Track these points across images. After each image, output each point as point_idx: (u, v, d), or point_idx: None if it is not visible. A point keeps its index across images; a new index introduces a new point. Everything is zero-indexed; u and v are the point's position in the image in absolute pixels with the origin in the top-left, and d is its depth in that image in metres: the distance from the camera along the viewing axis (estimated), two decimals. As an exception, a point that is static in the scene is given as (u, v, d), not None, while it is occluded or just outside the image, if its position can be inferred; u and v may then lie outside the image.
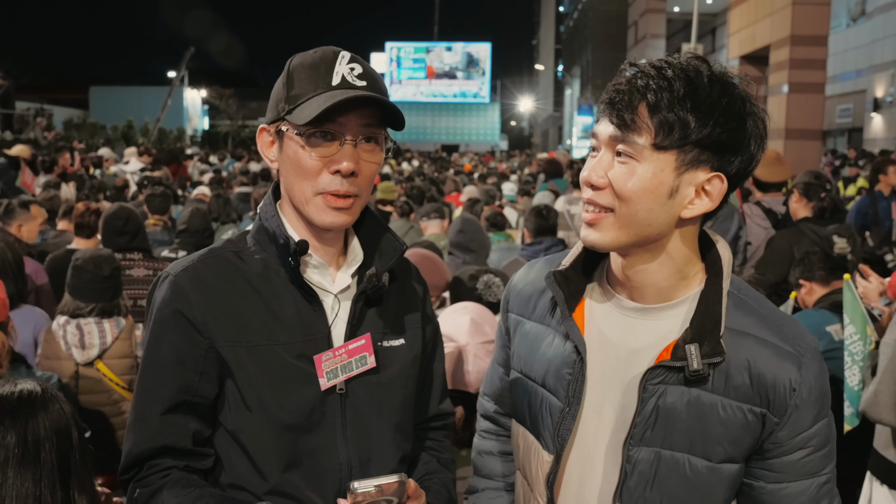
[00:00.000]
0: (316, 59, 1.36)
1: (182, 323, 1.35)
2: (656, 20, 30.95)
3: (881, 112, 25.17)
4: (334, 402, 1.38)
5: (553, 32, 68.43)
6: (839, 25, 26.35)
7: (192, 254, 1.44)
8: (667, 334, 1.26)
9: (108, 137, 35.11)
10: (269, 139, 1.40)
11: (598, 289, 1.36)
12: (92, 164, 13.39)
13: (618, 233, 1.21)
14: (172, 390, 1.35)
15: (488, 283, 2.98)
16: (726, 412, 1.21)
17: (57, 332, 3.16)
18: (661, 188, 1.17)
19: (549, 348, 1.36)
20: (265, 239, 1.42)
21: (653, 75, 1.17)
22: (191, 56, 42.03)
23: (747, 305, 1.27)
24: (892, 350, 2.40)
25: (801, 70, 17.26)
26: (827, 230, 4.21)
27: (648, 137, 1.16)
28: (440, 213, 5.79)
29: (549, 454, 1.33)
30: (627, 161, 1.18)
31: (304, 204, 1.36)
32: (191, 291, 1.36)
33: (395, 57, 72.12)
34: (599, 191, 1.21)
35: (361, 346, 1.40)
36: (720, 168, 1.19)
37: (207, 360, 1.35)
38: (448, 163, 23.60)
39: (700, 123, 1.15)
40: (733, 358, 1.21)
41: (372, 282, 1.41)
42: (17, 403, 1.49)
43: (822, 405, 1.23)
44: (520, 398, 1.43)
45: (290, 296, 1.38)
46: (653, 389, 1.23)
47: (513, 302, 1.48)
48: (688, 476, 1.23)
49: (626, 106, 1.17)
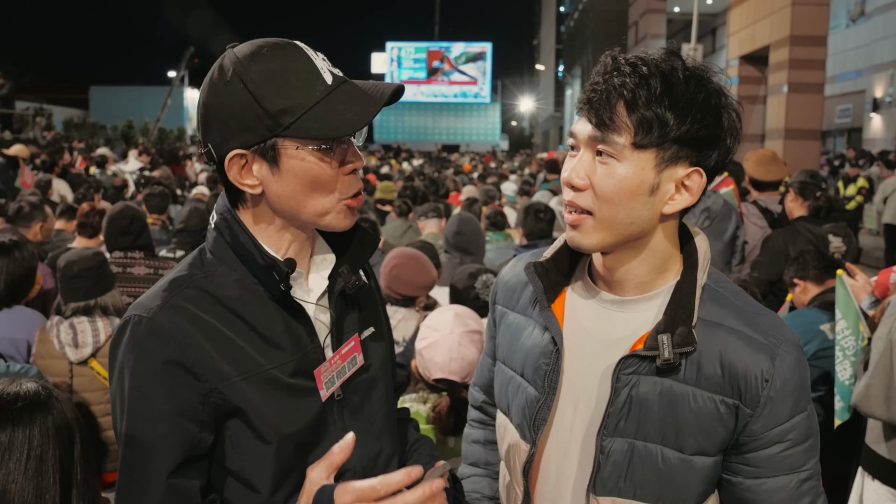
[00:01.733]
0: (280, 59, 1.21)
1: (175, 370, 1.19)
2: (656, 20, 30.93)
3: (880, 112, 25.17)
4: (333, 409, 1.34)
5: (554, 32, 68.46)
6: (838, 26, 26.36)
7: (157, 289, 1.28)
8: (642, 325, 1.27)
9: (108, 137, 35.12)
10: (242, 163, 1.23)
11: (579, 281, 1.37)
12: (95, 163, 13.39)
13: (601, 234, 1.22)
14: (176, 450, 1.20)
15: (487, 282, 2.99)
16: (698, 403, 1.21)
17: (50, 332, 3.16)
18: (642, 186, 1.18)
19: (528, 339, 1.38)
20: (232, 258, 1.29)
21: (628, 73, 1.16)
22: (190, 56, 41.98)
23: (722, 297, 1.27)
24: (884, 345, 2.41)
25: (801, 70, 17.26)
26: (822, 229, 4.22)
27: (628, 136, 1.16)
28: (438, 212, 5.79)
29: (525, 443, 1.35)
30: (608, 161, 1.18)
31: (323, 216, 1.26)
32: (177, 332, 1.20)
33: (396, 57, 72.09)
34: (580, 192, 1.21)
35: (352, 347, 1.37)
36: (699, 163, 1.20)
37: (206, 407, 1.21)
38: (448, 162, 23.58)
39: (678, 120, 1.15)
40: (705, 348, 1.21)
41: (352, 282, 1.35)
42: (20, 405, 1.48)
43: (798, 398, 1.22)
44: (501, 387, 1.44)
45: (273, 314, 1.28)
46: (626, 380, 1.23)
47: (499, 294, 1.50)
48: (660, 468, 1.23)
49: (604, 105, 1.17)
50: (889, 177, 14.63)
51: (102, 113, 47.08)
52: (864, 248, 12.46)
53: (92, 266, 3.19)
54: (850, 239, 4.30)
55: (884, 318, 2.47)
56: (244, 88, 1.18)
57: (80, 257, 3.20)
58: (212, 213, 1.34)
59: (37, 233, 4.46)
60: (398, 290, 3.17)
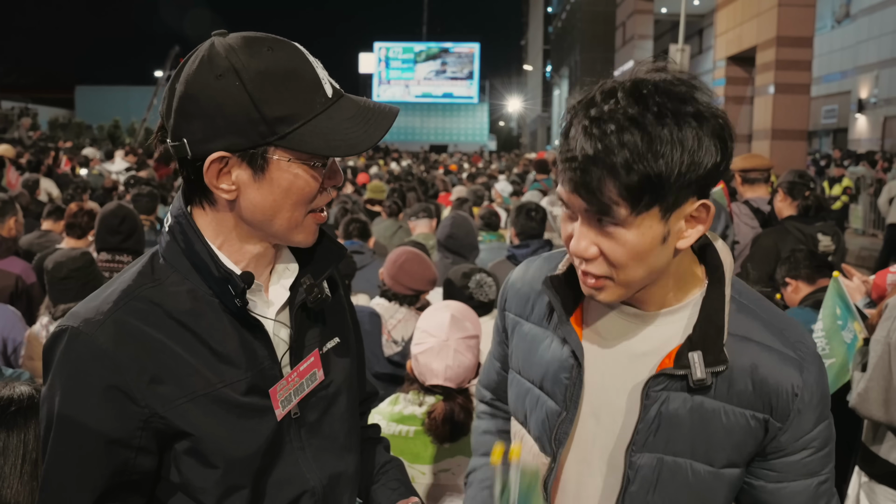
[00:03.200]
0: (284, 63, 1.13)
1: (112, 396, 1.11)
2: (644, 21, 31.04)
3: (865, 113, 25.39)
4: (290, 428, 1.27)
5: (541, 33, 68.59)
6: (824, 27, 26.57)
7: (101, 297, 1.18)
8: (668, 339, 1.24)
9: (93, 137, 34.89)
10: (222, 166, 1.14)
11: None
12: (79, 163, 13.30)
13: (625, 290, 1.18)
14: (104, 477, 1.13)
15: (480, 282, 2.98)
16: (729, 418, 1.20)
17: (39, 333, 3.13)
18: (654, 241, 1.12)
19: (546, 351, 1.34)
20: (186, 265, 1.20)
21: (598, 136, 1.05)
22: (176, 55, 41.73)
23: (749, 310, 1.24)
24: (882, 347, 2.42)
25: (787, 71, 17.38)
26: (812, 228, 4.24)
27: (625, 209, 1.08)
28: (429, 212, 5.79)
29: (546, 456, 1.33)
30: (612, 230, 1.11)
31: (293, 229, 1.20)
32: (116, 353, 1.11)
33: (384, 57, 72.06)
34: (592, 261, 1.16)
35: (311, 363, 1.29)
36: (703, 195, 1.13)
37: (146, 432, 1.14)
38: (437, 163, 23.58)
39: (668, 169, 1.05)
40: (736, 364, 1.19)
41: (315, 294, 1.27)
42: (14, 408, 1.46)
43: (822, 407, 1.23)
44: (518, 398, 1.42)
45: (228, 328, 1.19)
46: (655, 396, 1.21)
47: (510, 301, 1.46)
48: (690, 481, 1.23)
49: (588, 184, 1.07)
50: (878, 174, 14.76)
51: (88, 113, 46.78)
52: (852, 248, 12.54)
53: (81, 267, 3.16)
54: (839, 238, 4.33)
55: (882, 320, 2.48)
56: (241, 87, 1.09)
57: (68, 258, 3.16)
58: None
59: (11, 228, 4.41)
60: (406, 283, 3.11)
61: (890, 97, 23.89)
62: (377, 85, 71.16)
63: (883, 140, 24.11)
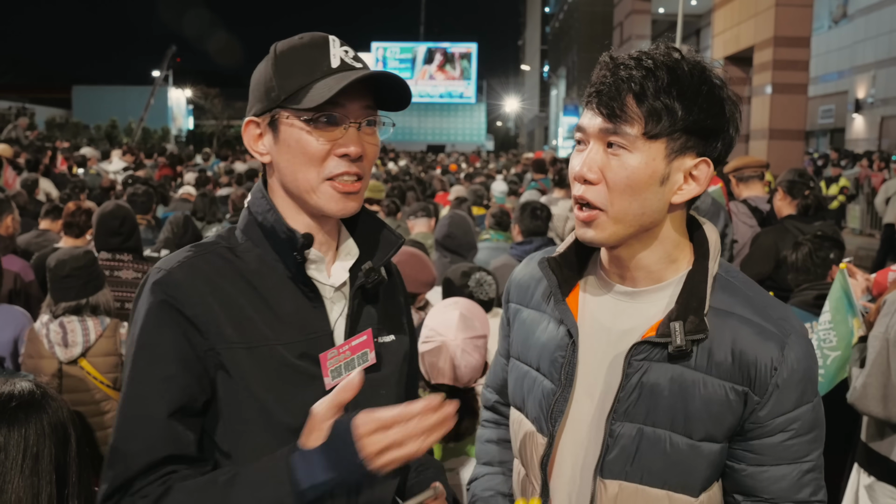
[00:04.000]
0: (306, 43, 1.32)
1: (181, 321, 1.24)
2: (641, 21, 31.06)
3: (862, 113, 25.43)
4: None
5: (539, 33, 68.64)
6: (821, 27, 26.61)
7: (182, 250, 1.35)
8: (655, 314, 1.29)
9: (91, 137, 34.84)
10: (258, 132, 1.34)
11: (592, 275, 1.39)
12: (76, 163, 13.27)
13: (615, 227, 1.24)
14: (174, 393, 1.23)
15: (480, 280, 2.98)
16: (708, 389, 1.23)
17: (40, 331, 3.13)
18: (654, 176, 1.20)
19: (543, 333, 1.39)
20: (258, 234, 1.35)
21: (634, 66, 1.19)
22: (173, 55, 41.77)
23: (734, 286, 1.29)
24: (881, 343, 2.43)
25: (785, 71, 17.41)
26: (811, 227, 4.25)
27: (639, 127, 1.18)
28: (427, 211, 5.78)
29: (543, 436, 1.36)
30: (619, 152, 1.20)
31: (311, 192, 1.31)
32: (188, 288, 1.26)
33: (381, 57, 72.03)
34: (592, 186, 1.22)
35: (363, 342, 1.36)
36: (706, 153, 1.23)
37: (206, 362, 1.25)
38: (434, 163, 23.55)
39: (686, 110, 1.18)
40: (716, 336, 1.23)
41: (371, 276, 1.37)
42: (15, 404, 1.46)
43: (804, 388, 1.24)
44: (516, 383, 1.45)
45: (289, 292, 1.32)
46: (637, 365, 1.25)
47: (513, 292, 1.52)
48: (668, 452, 1.24)
49: (614, 97, 1.19)
50: (874, 176, 14.78)
51: (85, 112, 46.65)
52: (849, 248, 12.52)
53: (83, 265, 3.16)
54: (839, 237, 4.34)
55: (880, 316, 2.48)
56: (269, 65, 1.32)
57: (70, 256, 3.16)
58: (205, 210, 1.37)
59: (8, 226, 4.41)
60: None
61: (887, 97, 23.94)
62: (374, 85, 70.87)
63: (880, 140, 24.15)
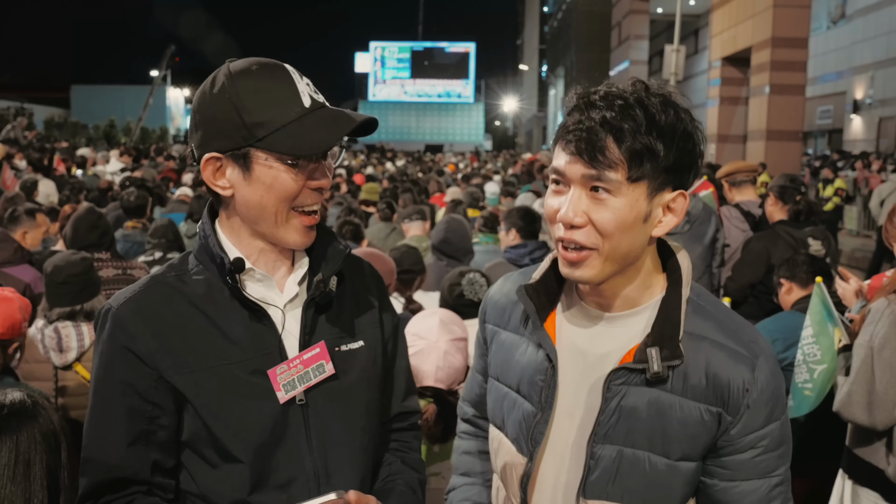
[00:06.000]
0: (267, 77, 1.33)
1: (128, 357, 1.34)
2: (639, 21, 31.09)
3: (860, 114, 25.45)
4: (296, 414, 1.39)
5: (537, 33, 68.63)
6: (819, 28, 26.62)
7: (135, 284, 1.43)
8: (631, 339, 1.32)
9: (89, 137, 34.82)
10: (218, 166, 1.35)
11: (567, 300, 1.42)
12: (76, 164, 13.26)
13: (604, 266, 1.26)
14: (127, 421, 1.34)
15: (472, 280, 3.00)
16: (684, 411, 1.27)
17: (35, 336, 3.14)
18: (638, 217, 1.23)
19: (522, 356, 1.42)
20: (206, 258, 1.41)
21: (605, 107, 1.20)
22: (172, 54, 41.75)
23: (705, 311, 1.33)
24: (865, 352, 2.45)
25: (783, 72, 17.43)
26: (802, 232, 4.28)
27: (622, 172, 1.20)
28: (422, 214, 5.80)
29: (523, 457, 1.39)
30: (604, 196, 1.21)
31: (279, 225, 1.36)
32: (133, 324, 1.34)
33: (380, 56, 71.98)
34: (578, 229, 1.24)
35: (317, 354, 1.39)
36: (681, 185, 1.26)
37: (159, 391, 1.34)
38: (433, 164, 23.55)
39: (666, 151, 1.20)
40: (691, 360, 1.27)
41: (319, 288, 1.41)
42: (7, 414, 1.49)
43: (773, 407, 1.28)
44: (496, 403, 1.48)
45: (236, 313, 1.37)
46: (616, 390, 1.29)
47: (489, 313, 1.54)
48: (647, 472, 1.28)
49: (593, 143, 1.19)
50: (872, 178, 14.80)
51: (84, 112, 46.65)
52: (846, 249, 12.56)
53: (80, 272, 3.17)
54: (830, 242, 4.37)
55: (864, 325, 2.50)
56: (228, 99, 1.31)
57: (67, 263, 3.17)
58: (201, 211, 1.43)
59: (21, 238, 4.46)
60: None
61: (885, 98, 23.96)
62: (373, 84, 71.15)
63: (878, 141, 24.17)
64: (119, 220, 5.72)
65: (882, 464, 2.48)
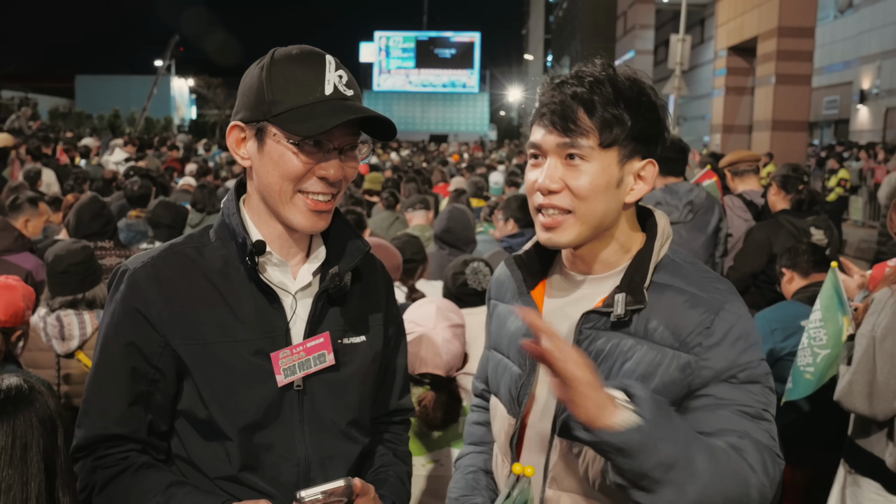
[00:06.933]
0: (302, 62, 1.37)
1: (138, 319, 1.37)
2: (645, 10, 30.98)
3: (867, 104, 25.32)
4: (292, 399, 1.41)
5: (542, 22, 68.42)
6: (826, 17, 26.46)
7: (153, 248, 1.47)
8: (605, 292, 1.39)
9: (94, 127, 34.87)
10: (242, 136, 1.41)
11: (556, 273, 1.51)
12: (79, 154, 13.28)
13: (579, 229, 1.35)
14: (129, 381, 1.38)
15: (476, 269, 3.00)
16: (647, 355, 1.32)
17: (37, 325, 3.15)
18: (610, 181, 1.33)
19: (512, 324, 1.51)
20: (227, 235, 1.44)
21: (576, 83, 1.32)
22: (176, 44, 41.73)
23: (679, 266, 1.40)
24: (867, 341, 2.44)
25: (789, 61, 17.36)
26: (805, 222, 4.27)
27: (594, 138, 1.31)
28: (425, 203, 5.80)
29: (512, 417, 1.46)
30: (578, 163, 1.32)
31: (284, 203, 1.38)
32: (147, 288, 1.38)
33: (384, 46, 71.82)
34: (556, 194, 1.33)
35: (320, 343, 1.42)
36: (650, 154, 1.37)
37: (163, 357, 1.38)
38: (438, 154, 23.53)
39: (633, 119, 1.31)
40: (654, 306, 1.34)
41: (334, 281, 1.44)
42: (4, 399, 1.50)
43: (743, 349, 1.29)
44: (493, 371, 1.56)
45: (249, 293, 1.40)
46: (587, 333, 1.37)
47: (493, 289, 1.64)
48: None
49: (566, 114, 1.31)
50: (878, 168, 14.73)
51: (88, 102, 46.69)
52: (850, 239, 12.53)
53: (81, 261, 3.18)
54: (832, 232, 4.35)
55: (867, 315, 2.50)
56: (261, 75, 1.37)
57: (68, 252, 3.19)
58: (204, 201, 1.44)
59: (23, 226, 4.47)
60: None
61: (892, 88, 23.83)
62: (377, 74, 71.06)
63: (885, 131, 24.05)
64: (123, 210, 5.74)
65: (882, 454, 2.47)
